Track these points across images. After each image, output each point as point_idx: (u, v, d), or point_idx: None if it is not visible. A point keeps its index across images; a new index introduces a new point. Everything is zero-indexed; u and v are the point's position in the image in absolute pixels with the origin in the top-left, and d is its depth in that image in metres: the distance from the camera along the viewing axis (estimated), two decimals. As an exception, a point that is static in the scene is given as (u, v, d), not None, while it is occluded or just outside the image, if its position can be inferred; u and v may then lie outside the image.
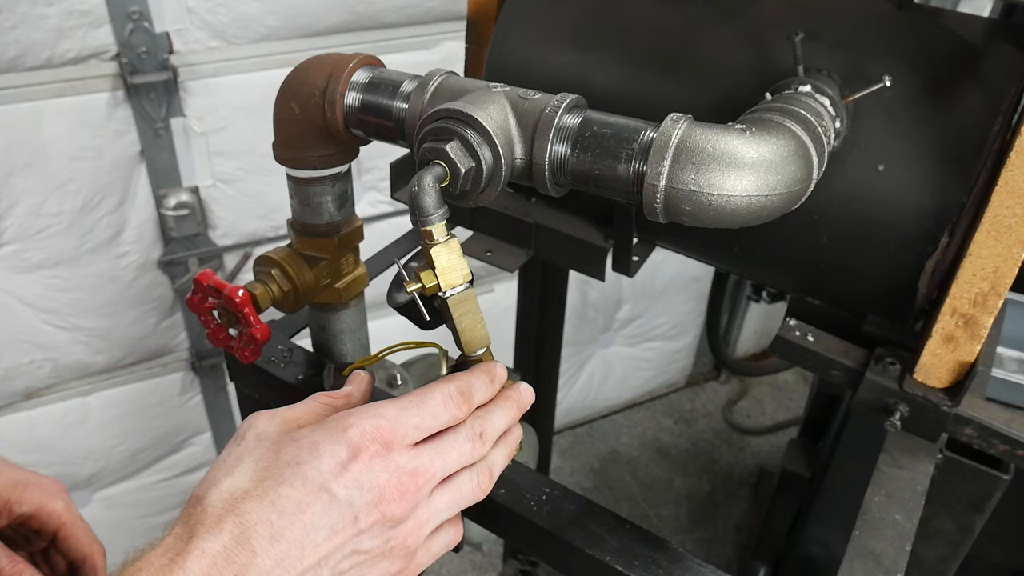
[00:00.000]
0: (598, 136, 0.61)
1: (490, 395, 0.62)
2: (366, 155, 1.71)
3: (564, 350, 1.75)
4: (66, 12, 1.47)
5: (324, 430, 0.54)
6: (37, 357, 1.79)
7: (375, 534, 0.53)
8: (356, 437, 0.53)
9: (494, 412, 0.61)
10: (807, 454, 1.97)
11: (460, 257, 0.62)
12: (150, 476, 2.10)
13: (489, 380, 0.62)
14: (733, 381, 3.13)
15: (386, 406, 0.56)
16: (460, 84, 0.68)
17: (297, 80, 0.73)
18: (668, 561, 0.70)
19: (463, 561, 2.45)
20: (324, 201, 0.77)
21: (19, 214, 1.60)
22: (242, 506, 0.50)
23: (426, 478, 0.55)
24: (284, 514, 0.50)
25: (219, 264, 1.90)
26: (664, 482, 2.71)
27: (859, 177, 0.85)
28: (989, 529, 0.92)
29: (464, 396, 0.59)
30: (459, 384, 0.59)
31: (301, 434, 0.54)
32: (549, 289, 1.56)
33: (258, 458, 0.53)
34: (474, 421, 0.59)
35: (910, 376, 0.86)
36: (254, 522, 0.49)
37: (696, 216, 0.60)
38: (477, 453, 0.58)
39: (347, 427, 0.53)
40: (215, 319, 0.74)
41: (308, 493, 0.51)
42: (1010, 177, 0.72)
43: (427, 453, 0.55)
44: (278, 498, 0.50)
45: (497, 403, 0.62)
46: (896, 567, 0.72)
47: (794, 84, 0.82)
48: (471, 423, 0.59)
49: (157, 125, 1.65)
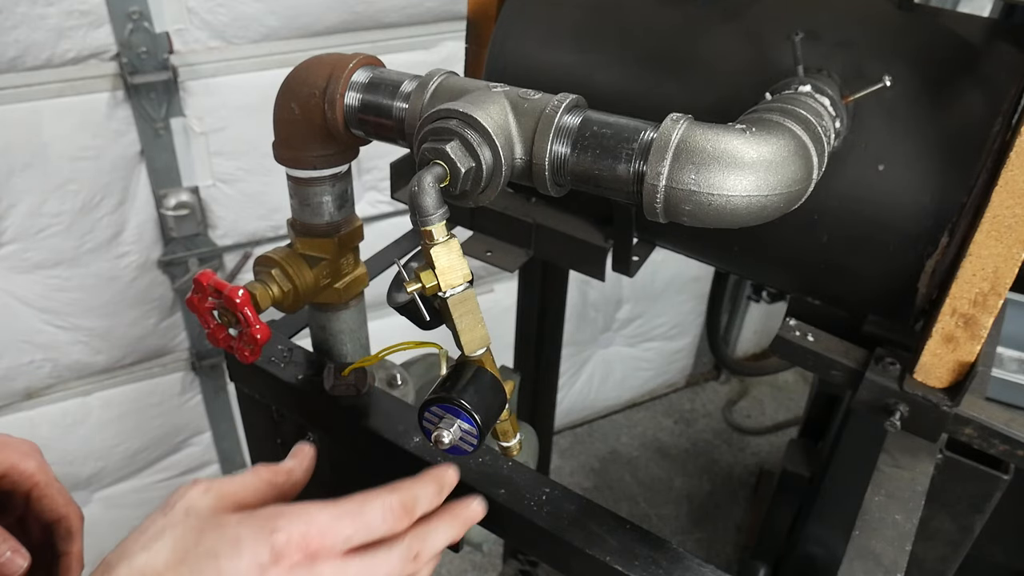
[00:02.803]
0: (598, 136, 0.61)
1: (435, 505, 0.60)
2: (366, 155, 1.71)
3: (564, 350, 1.75)
4: (66, 12, 1.47)
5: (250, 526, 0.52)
6: (37, 357, 1.79)
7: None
8: (281, 542, 0.51)
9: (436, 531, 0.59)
10: (807, 454, 1.97)
11: (460, 257, 0.62)
12: (150, 476, 2.10)
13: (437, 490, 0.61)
14: (733, 381, 3.13)
15: (320, 511, 0.54)
16: (460, 84, 0.68)
17: (297, 80, 0.73)
18: (668, 561, 0.70)
19: (463, 561, 2.45)
20: (324, 201, 0.77)
21: (19, 214, 1.60)
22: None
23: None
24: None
25: (219, 264, 1.90)
26: (664, 482, 2.71)
27: (859, 177, 0.85)
28: (989, 529, 0.92)
29: (406, 509, 0.57)
30: (403, 496, 0.57)
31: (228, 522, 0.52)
32: (549, 289, 1.56)
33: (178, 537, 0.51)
34: (412, 540, 0.57)
35: (910, 376, 0.86)
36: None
37: (696, 216, 0.60)
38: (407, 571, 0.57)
39: (274, 529, 0.51)
40: (215, 319, 0.74)
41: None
42: (1010, 177, 0.72)
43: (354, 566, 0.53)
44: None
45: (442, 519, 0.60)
46: (896, 567, 0.72)
47: (794, 84, 0.82)
48: (409, 541, 0.57)
49: (157, 125, 1.65)
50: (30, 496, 0.70)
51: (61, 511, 0.71)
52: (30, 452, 0.70)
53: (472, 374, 0.65)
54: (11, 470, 0.69)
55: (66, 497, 0.72)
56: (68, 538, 0.71)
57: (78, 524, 0.72)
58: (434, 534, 0.59)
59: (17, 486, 0.69)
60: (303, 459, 0.66)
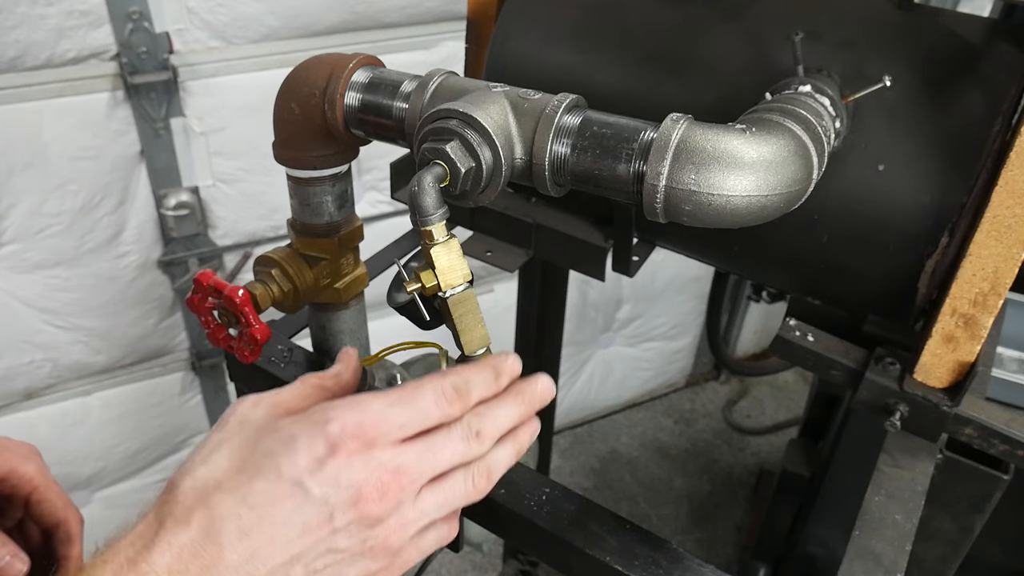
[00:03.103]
0: (598, 136, 0.61)
1: (493, 391, 0.57)
2: (366, 155, 1.71)
3: (564, 350, 1.75)
4: (66, 12, 1.46)
5: (304, 422, 0.52)
6: (37, 357, 1.79)
7: (352, 533, 0.50)
8: (336, 432, 0.50)
9: (497, 408, 0.57)
10: (807, 454, 1.97)
11: (460, 257, 0.62)
12: (150, 476, 2.10)
13: (494, 376, 0.57)
14: (733, 381, 3.13)
15: (372, 400, 0.53)
16: (460, 84, 0.68)
17: (297, 80, 0.73)
18: (668, 561, 0.70)
19: (463, 561, 2.45)
20: (324, 201, 0.77)
21: (19, 214, 1.60)
22: (213, 498, 0.48)
23: (411, 477, 0.52)
24: (255, 509, 0.48)
25: (219, 264, 1.90)
26: (664, 482, 2.71)
27: (859, 177, 0.85)
28: (989, 529, 0.92)
29: (459, 393, 0.55)
30: (455, 380, 0.55)
31: (281, 424, 0.52)
32: (549, 289, 1.56)
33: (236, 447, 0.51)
34: (471, 418, 0.55)
35: (910, 376, 0.86)
36: (223, 516, 0.47)
37: (696, 216, 0.60)
38: (472, 452, 0.55)
39: (327, 420, 0.51)
40: (215, 319, 0.74)
41: (281, 488, 0.49)
42: (1010, 177, 0.72)
43: (414, 451, 0.52)
44: (250, 492, 0.48)
45: (503, 399, 0.57)
46: (896, 567, 0.72)
47: (794, 84, 0.82)
48: (467, 420, 0.55)
49: (157, 125, 1.65)
50: (29, 500, 0.70)
51: (60, 515, 0.71)
52: (29, 455, 0.70)
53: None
54: (10, 474, 0.68)
55: (65, 500, 0.72)
56: (67, 542, 0.71)
57: (77, 528, 0.72)
58: (495, 411, 0.56)
59: (16, 490, 0.69)
60: (350, 361, 0.65)
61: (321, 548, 0.50)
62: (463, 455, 0.54)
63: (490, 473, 0.57)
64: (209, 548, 0.46)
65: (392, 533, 0.52)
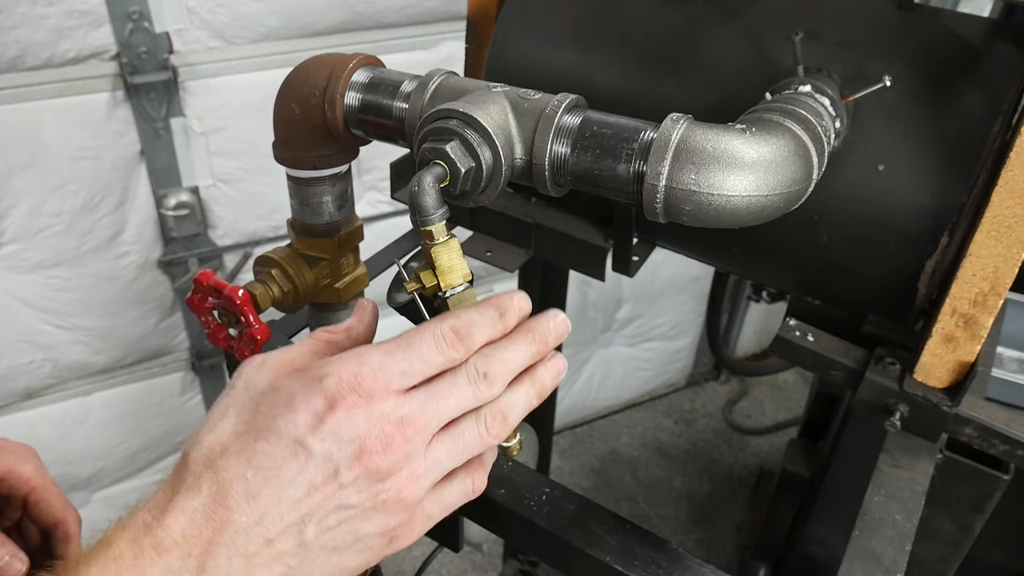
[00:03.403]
0: (598, 136, 0.61)
1: (500, 331, 0.54)
2: (366, 155, 1.71)
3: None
4: (66, 12, 1.46)
5: (301, 379, 0.51)
6: (37, 357, 1.79)
7: (360, 488, 0.49)
8: (333, 386, 0.49)
9: (505, 349, 0.54)
10: (807, 454, 1.97)
11: (460, 257, 0.62)
12: (150, 476, 2.10)
13: (497, 315, 0.54)
14: (733, 381, 3.13)
15: (370, 351, 0.51)
16: (460, 84, 0.68)
17: (297, 80, 0.73)
18: (668, 561, 0.70)
19: (463, 561, 2.45)
20: (324, 201, 0.77)
21: (19, 214, 1.60)
22: (219, 463, 0.48)
23: (416, 427, 0.50)
24: (260, 470, 0.48)
25: (219, 264, 1.90)
26: (664, 482, 2.71)
27: (859, 177, 0.85)
28: (989, 529, 0.92)
29: (460, 335, 0.52)
30: (454, 322, 0.52)
31: (282, 383, 0.51)
32: (549, 289, 1.56)
33: (240, 410, 0.51)
34: (477, 359, 0.53)
35: (910, 376, 0.86)
36: (230, 479, 0.48)
37: (696, 216, 0.60)
38: (482, 396, 0.52)
39: (324, 376, 0.50)
40: (215, 319, 0.74)
41: (283, 448, 0.48)
42: (1010, 177, 0.72)
43: (418, 400, 0.51)
44: (254, 454, 0.48)
45: (512, 337, 0.54)
46: (896, 567, 0.72)
47: (794, 84, 0.82)
48: (473, 362, 0.52)
49: (157, 125, 1.65)
50: (28, 500, 0.70)
51: (58, 515, 0.71)
52: (27, 456, 0.70)
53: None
54: (8, 475, 0.69)
55: (63, 501, 0.72)
56: (66, 541, 0.71)
57: (75, 528, 0.72)
58: (503, 351, 0.53)
59: (15, 490, 0.70)
60: (364, 314, 0.62)
61: (331, 505, 0.49)
62: (472, 399, 0.52)
63: (505, 416, 0.54)
64: (219, 511, 0.47)
65: (405, 485, 0.50)
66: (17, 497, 0.70)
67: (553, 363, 0.57)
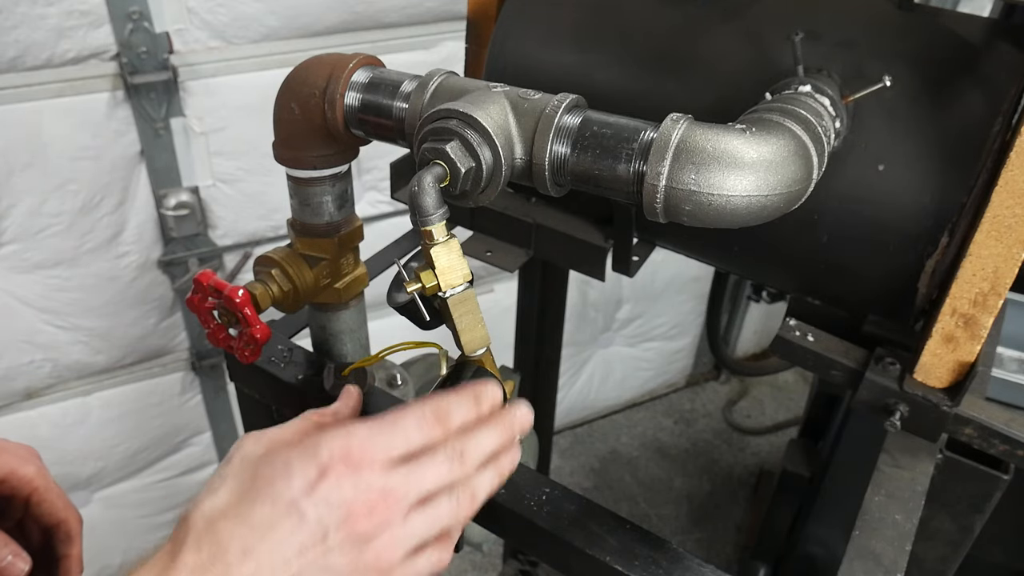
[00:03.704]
0: (598, 136, 0.61)
1: (474, 416, 0.61)
2: (366, 155, 1.70)
3: (564, 350, 1.75)
4: (66, 12, 1.46)
5: (298, 450, 0.56)
6: (37, 357, 1.79)
7: (345, 551, 0.54)
8: (325, 456, 0.54)
9: (479, 434, 0.60)
10: (807, 454, 1.97)
11: (460, 257, 0.62)
12: (150, 476, 2.10)
13: (473, 401, 0.61)
14: (733, 381, 3.13)
15: (358, 427, 0.57)
16: (460, 84, 0.68)
17: (297, 80, 0.73)
18: (668, 561, 0.70)
19: (463, 561, 2.45)
20: (324, 201, 0.77)
21: (19, 214, 1.60)
22: (219, 524, 0.53)
23: (396, 497, 0.55)
24: (256, 530, 0.52)
25: (219, 264, 1.90)
26: (664, 482, 2.71)
27: (859, 177, 0.85)
28: (989, 529, 0.92)
29: (439, 418, 0.58)
30: (434, 406, 0.59)
31: (278, 455, 0.56)
32: (549, 289, 1.56)
33: (238, 478, 0.56)
34: (454, 441, 0.58)
35: (910, 376, 0.86)
36: (228, 538, 0.52)
37: (696, 216, 0.60)
38: (456, 474, 0.58)
39: (317, 447, 0.55)
40: (215, 319, 0.74)
41: (279, 510, 0.53)
42: (1010, 177, 0.72)
43: (400, 473, 0.56)
44: (251, 515, 0.53)
45: (486, 423, 0.61)
46: (896, 567, 0.72)
47: (794, 84, 0.82)
48: (452, 443, 0.58)
49: (157, 125, 1.65)
50: (29, 501, 0.71)
51: (60, 515, 0.72)
52: (29, 457, 0.71)
53: (472, 374, 0.65)
54: (10, 475, 0.69)
55: (65, 501, 0.73)
56: (67, 541, 0.73)
57: (77, 527, 0.73)
58: (477, 436, 0.59)
59: (16, 491, 0.71)
60: (349, 399, 0.70)
61: (318, 566, 0.53)
62: (448, 476, 0.58)
63: (474, 496, 0.59)
64: (217, 566, 0.51)
65: (384, 551, 0.55)
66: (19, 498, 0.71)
67: (514, 452, 0.62)
